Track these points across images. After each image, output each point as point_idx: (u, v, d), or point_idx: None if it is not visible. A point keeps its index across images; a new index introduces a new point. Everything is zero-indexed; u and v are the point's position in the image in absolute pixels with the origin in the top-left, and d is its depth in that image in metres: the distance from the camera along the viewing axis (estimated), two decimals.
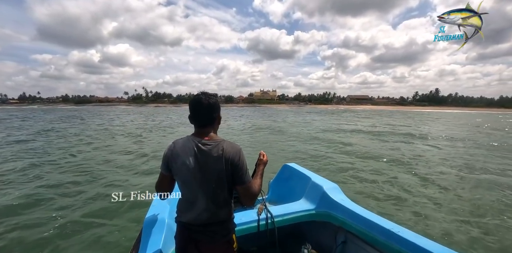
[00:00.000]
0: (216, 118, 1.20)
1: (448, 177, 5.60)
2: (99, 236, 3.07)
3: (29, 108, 77.19)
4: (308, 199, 2.08)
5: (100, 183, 4.98)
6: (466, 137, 12.58)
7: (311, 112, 48.26)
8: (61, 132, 13.50)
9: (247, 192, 1.16)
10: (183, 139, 1.18)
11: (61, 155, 7.60)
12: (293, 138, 11.74)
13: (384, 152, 8.25)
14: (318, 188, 2.05)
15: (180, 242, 1.19)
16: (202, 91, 1.20)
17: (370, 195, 4.45)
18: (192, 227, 1.15)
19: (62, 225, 3.29)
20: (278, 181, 2.71)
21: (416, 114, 45.26)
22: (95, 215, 3.61)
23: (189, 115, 1.19)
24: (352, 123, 20.79)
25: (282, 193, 2.55)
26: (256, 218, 1.77)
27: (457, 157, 7.73)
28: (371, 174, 5.76)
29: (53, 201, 4.05)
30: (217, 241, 1.16)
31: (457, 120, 27.78)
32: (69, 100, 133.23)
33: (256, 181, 1.22)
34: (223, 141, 1.15)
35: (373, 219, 1.63)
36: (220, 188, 1.13)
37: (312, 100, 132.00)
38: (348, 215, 1.79)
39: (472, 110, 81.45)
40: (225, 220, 1.18)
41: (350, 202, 1.90)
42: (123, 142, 10.30)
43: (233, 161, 1.11)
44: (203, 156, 1.11)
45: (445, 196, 4.44)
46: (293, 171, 2.53)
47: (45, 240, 2.98)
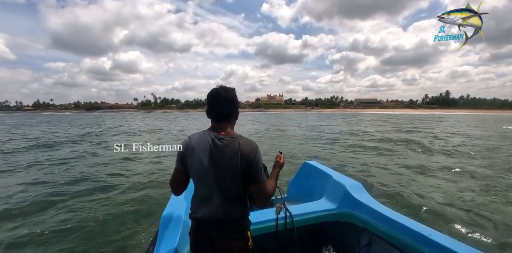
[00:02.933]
0: (234, 112, 1.17)
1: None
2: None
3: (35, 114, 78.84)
4: (329, 198, 1.98)
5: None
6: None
7: (305, 117, 47.73)
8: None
9: (260, 192, 1.11)
10: (199, 133, 1.15)
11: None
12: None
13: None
14: (340, 187, 1.94)
15: (195, 238, 1.18)
16: (220, 85, 1.16)
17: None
18: (207, 223, 1.13)
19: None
20: (298, 179, 2.61)
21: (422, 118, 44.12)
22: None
23: (206, 109, 1.16)
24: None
25: (302, 192, 2.45)
26: (275, 217, 1.70)
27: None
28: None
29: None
30: (232, 238, 1.13)
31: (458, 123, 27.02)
32: (80, 106, 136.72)
33: (271, 183, 1.17)
34: (240, 137, 1.11)
35: (400, 221, 1.51)
36: (235, 185, 1.09)
37: (319, 104, 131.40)
38: (373, 215, 1.67)
39: (483, 112, 79.28)
40: (240, 217, 1.15)
41: (375, 202, 1.79)
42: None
43: (249, 158, 1.07)
44: (218, 151, 1.07)
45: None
46: (314, 169, 2.42)
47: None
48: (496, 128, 19.79)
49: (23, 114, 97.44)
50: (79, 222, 3.39)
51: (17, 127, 23.17)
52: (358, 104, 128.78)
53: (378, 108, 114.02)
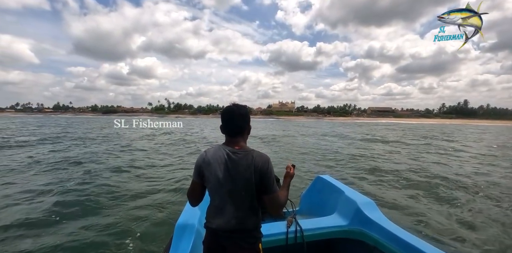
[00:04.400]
0: (246, 128, 1.25)
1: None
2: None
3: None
4: (341, 214, 1.96)
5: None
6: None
7: (309, 126, 47.08)
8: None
9: (273, 202, 1.18)
10: (214, 148, 1.23)
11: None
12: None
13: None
14: (352, 203, 1.93)
15: (208, 247, 1.23)
16: (233, 103, 1.26)
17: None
18: (220, 233, 1.18)
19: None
20: (310, 193, 2.60)
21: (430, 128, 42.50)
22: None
23: (220, 125, 1.25)
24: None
25: (313, 206, 2.45)
26: (285, 230, 1.71)
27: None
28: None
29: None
30: (243, 248, 1.18)
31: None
32: (97, 110, 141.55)
33: (283, 193, 1.24)
34: (253, 151, 1.19)
35: (412, 242, 1.49)
36: (249, 196, 1.16)
37: (331, 112, 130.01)
38: (384, 234, 1.66)
39: (503, 123, 75.69)
40: (252, 228, 1.20)
41: (386, 221, 1.78)
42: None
43: (262, 170, 1.14)
44: (233, 164, 1.15)
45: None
46: (326, 183, 2.42)
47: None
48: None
49: (43, 115, 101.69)
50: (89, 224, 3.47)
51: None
52: (372, 112, 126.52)
53: (392, 117, 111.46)
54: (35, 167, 7.02)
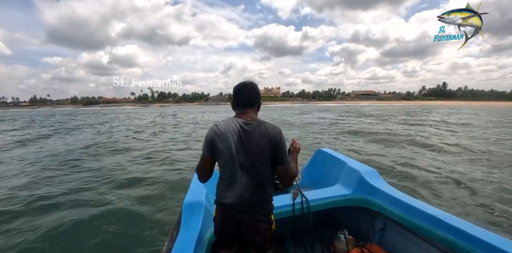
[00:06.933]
0: (257, 101, 1.26)
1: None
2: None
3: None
4: (344, 184, 1.98)
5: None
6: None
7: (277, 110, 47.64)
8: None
9: (286, 172, 1.19)
10: (225, 121, 1.20)
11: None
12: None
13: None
14: (355, 173, 1.95)
15: (222, 222, 1.22)
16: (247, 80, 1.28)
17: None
18: (234, 207, 1.17)
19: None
20: (311, 166, 2.62)
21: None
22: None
23: (231, 101, 1.27)
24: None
25: (316, 179, 2.45)
26: (291, 202, 1.71)
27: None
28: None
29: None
30: (258, 220, 1.18)
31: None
32: (77, 101, 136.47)
33: (293, 164, 1.25)
34: (265, 122, 1.19)
35: (415, 205, 1.51)
36: (263, 166, 1.15)
37: (316, 96, 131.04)
38: (388, 200, 1.68)
39: (478, 103, 78.89)
40: (265, 199, 1.22)
41: (389, 187, 1.80)
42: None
43: (276, 141, 1.14)
44: (247, 135, 1.14)
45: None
46: (327, 156, 2.43)
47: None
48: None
49: (19, 110, 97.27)
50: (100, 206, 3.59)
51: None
52: (356, 96, 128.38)
53: (375, 100, 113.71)
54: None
